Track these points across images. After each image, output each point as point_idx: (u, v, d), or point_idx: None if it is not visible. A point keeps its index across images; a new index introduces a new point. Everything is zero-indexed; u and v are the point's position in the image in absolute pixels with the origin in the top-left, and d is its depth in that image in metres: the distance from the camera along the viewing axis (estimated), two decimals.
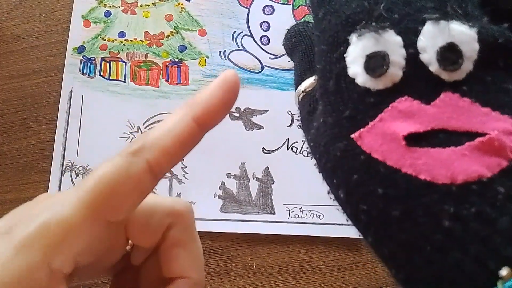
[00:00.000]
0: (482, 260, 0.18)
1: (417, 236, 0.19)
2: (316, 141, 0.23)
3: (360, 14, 0.21)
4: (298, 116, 0.26)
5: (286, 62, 0.55)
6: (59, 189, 0.51)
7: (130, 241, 0.24)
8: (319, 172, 0.23)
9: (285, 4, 0.57)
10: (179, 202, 0.24)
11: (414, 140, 0.20)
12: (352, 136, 0.21)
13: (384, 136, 0.20)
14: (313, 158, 0.24)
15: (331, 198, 0.23)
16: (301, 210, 0.51)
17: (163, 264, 0.23)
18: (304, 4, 0.57)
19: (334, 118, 0.22)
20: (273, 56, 0.55)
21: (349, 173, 0.21)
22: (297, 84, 0.26)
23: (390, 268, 0.20)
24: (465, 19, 0.20)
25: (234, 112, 0.53)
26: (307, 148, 0.52)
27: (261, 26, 0.56)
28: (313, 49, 0.25)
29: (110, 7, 0.57)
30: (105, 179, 0.19)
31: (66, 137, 0.52)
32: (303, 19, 0.56)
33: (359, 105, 0.21)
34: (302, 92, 0.25)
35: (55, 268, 0.19)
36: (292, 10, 0.56)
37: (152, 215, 0.23)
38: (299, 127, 0.53)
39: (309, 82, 0.25)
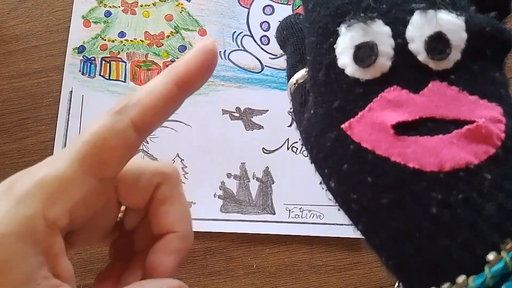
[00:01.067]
0: (469, 246, 0.18)
1: (406, 223, 0.19)
2: (307, 132, 0.23)
3: (348, 5, 0.22)
4: (290, 108, 0.26)
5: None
6: None
7: (122, 208, 0.25)
8: (311, 163, 0.23)
9: (285, 4, 0.57)
10: (166, 163, 0.26)
11: (403, 129, 0.20)
12: (342, 126, 0.21)
13: (373, 126, 0.20)
14: (305, 149, 0.24)
15: (323, 188, 0.23)
16: (301, 210, 0.51)
17: (152, 222, 0.25)
18: None
19: (324, 109, 0.22)
20: (273, 56, 0.55)
21: (340, 163, 0.21)
22: (289, 76, 0.26)
23: (380, 256, 0.21)
24: (453, 8, 0.21)
25: (234, 112, 0.53)
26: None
27: (261, 26, 0.56)
28: (305, 41, 0.25)
29: (110, 7, 0.57)
30: (93, 136, 0.21)
31: (66, 137, 0.52)
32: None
33: (348, 96, 0.21)
34: (294, 84, 0.25)
35: (51, 219, 0.20)
36: (292, 10, 0.56)
37: (140, 175, 0.24)
38: None
39: (300, 74, 0.25)
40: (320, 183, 0.23)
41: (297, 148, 0.52)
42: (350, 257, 0.50)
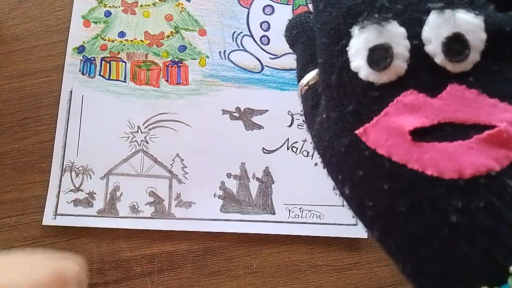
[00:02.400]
0: (490, 253, 0.17)
1: (424, 230, 0.19)
2: (320, 136, 0.23)
3: (361, 5, 0.21)
4: (302, 111, 0.25)
5: (286, 62, 0.55)
6: (59, 189, 0.51)
7: None
8: (324, 167, 0.23)
9: (285, 4, 0.57)
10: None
11: (420, 134, 0.19)
12: (357, 131, 0.21)
13: (389, 131, 0.20)
14: (316, 154, 0.24)
15: (336, 194, 0.22)
16: (301, 210, 0.51)
17: None
18: (304, 4, 0.57)
19: (337, 113, 0.22)
20: (273, 56, 0.55)
21: (354, 169, 0.21)
22: (300, 77, 0.25)
23: (397, 263, 0.20)
24: (471, 7, 0.20)
25: (234, 112, 0.53)
26: (309, 145, 0.52)
27: (261, 26, 0.56)
28: (315, 40, 0.24)
29: (110, 7, 0.57)
30: None
31: (66, 137, 0.52)
32: None
33: (362, 100, 0.21)
34: (305, 86, 0.25)
35: None
36: (292, 10, 0.56)
37: None
38: (299, 127, 0.53)
39: (312, 75, 0.24)
40: (334, 188, 0.23)
41: (297, 148, 0.52)
42: (350, 257, 0.50)
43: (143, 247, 0.50)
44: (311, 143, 0.24)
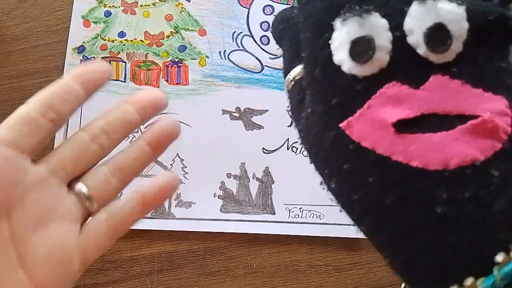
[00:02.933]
0: (478, 245, 0.17)
1: (411, 223, 0.19)
2: (306, 131, 0.23)
3: None
4: (288, 106, 0.25)
5: None
6: None
7: None
8: (311, 162, 0.23)
9: (285, 4, 0.57)
10: None
11: (404, 125, 0.19)
12: (341, 125, 0.21)
13: (373, 124, 0.20)
14: (304, 148, 0.24)
15: (323, 188, 0.23)
16: (301, 210, 0.51)
17: None
18: None
19: (322, 107, 0.21)
20: (273, 56, 0.55)
21: (340, 163, 0.21)
22: (286, 72, 0.25)
23: (385, 257, 0.20)
24: None
25: (234, 112, 0.53)
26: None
27: (261, 26, 0.56)
28: (300, 35, 0.24)
29: (110, 7, 0.57)
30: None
31: (66, 137, 0.52)
32: None
33: (346, 93, 0.21)
34: (291, 81, 0.25)
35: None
36: None
37: None
38: None
39: (297, 70, 0.24)
40: (321, 183, 0.23)
41: (297, 148, 0.52)
42: (350, 257, 0.50)
43: (143, 247, 0.50)
44: (298, 138, 0.24)
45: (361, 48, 0.20)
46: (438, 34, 0.19)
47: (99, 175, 0.29)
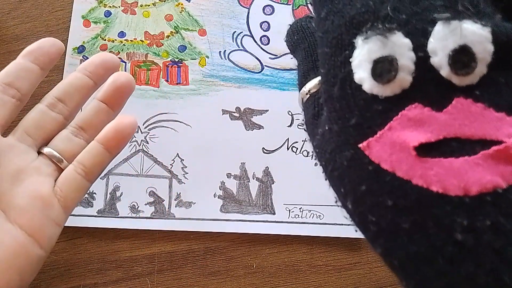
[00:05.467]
0: (496, 273, 0.17)
1: (428, 248, 0.18)
2: (321, 148, 0.22)
3: (365, 14, 0.20)
4: (303, 119, 0.25)
5: (286, 62, 0.55)
6: None
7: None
8: (325, 179, 0.23)
9: (285, 4, 0.57)
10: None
11: (425, 149, 0.19)
12: (360, 145, 0.20)
13: (393, 146, 0.19)
14: (318, 164, 0.23)
15: (338, 206, 0.22)
16: (301, 210, 0.51)
17: None
18: (304, 4, 0.57)
19: (339, 125, 0.21)
20: (273, 56, 0.55)
21: (357, 183, 0.20)
22: (301, 84, 0.25)
23: (400, 279, 0.20)
24: (477, 17, 0.19)
25: (234, 112, 0.53)
26: (309, 147, 0.52)
27: (261, 26, 0.56)
28: (317, 47, 0.24)
29: (110, 7, 0.57)
30: None
31: None
32: None
33: (366, 113, 0.20)
34: (306, 94, 0.24)
35: None
36: (292, 10, 0.56)
37: None
38: (299, 127, 0.53)
39: (313, 83, 0.24)
40: (336, 201, 0.22)
41: (297, 148, 0.52)
42: (350, 257, 0.50)
43: (143, 247, 0.50)
44: (311, 149, 0.23)
45: (384, 68, 0.19)
46: (462, 57, 0.19)
47: (62, 136, 0.34)
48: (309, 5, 0.57)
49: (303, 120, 0.25)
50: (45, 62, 0.33)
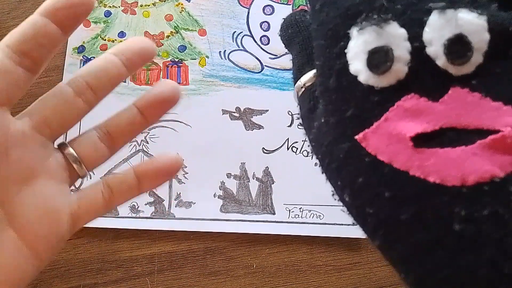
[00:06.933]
0: (495, 263, 0.17)
1: (427, 239, 0.18)
2: (318, 141, 0.22)
3: (360, 5, 0.20)
4: (299, 113, 0.25)
5: (286, 62, 0.55)
6: None
7: None
8: (322, 172, 0.22)
9: (285, 4, 0.57)
10: None
11: (422, 139, 0.19)
12: (356, 137, 0.20)
13: (390, 137, 0.19)
14: (315, 158, 0.23)
15: (335, 199, 0.22)
16: (301, 210, 0.51)
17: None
18: (304, 4, 0.57)
19: (336, 117, 0.21)
20: (273, 56, 0.55)
21: (354, 176, 0.20)
22: (296, 78, 0.24)
23: (399, 272, 0.20)
24: (473, 6, 0.19)
25: (234, 112, 0.53)
26: (308, 147, 0.52)
27: (261, 26, 0.56)
28: (311, 40, 0.23)
29: (110, 7, 0.57)
30: None
31: (66, 137, 0.52)
32: None
33: (362, 104, 0.20)
34: (302, 87, 0.24)
35: None
36: (292, 10, 0.56)
37: None
38: (299, 127, 0.53)
39: (308, 76, 0.24)
40: (333, 194, 0.22)
41: (297, 148, 0.52)
42: (350, 257, 0.50)
43: (143, 247, 0.50)
44: (308, 146, 0.23)
45: (379, 59, 0.19)
46: (458, 46, 0.19)
47: (88, 139, 0.29)
48: (308, 5, 0.57)
49: (298, 113, 0.25)
50: (69, 23, 0.25)
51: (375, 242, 0.20)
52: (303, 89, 0.24)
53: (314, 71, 0.24)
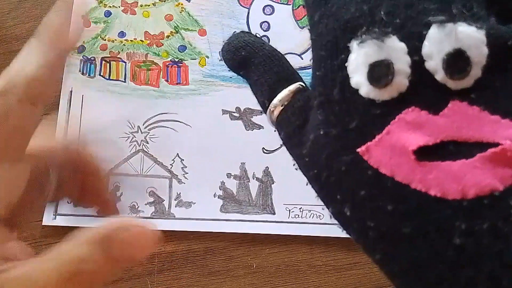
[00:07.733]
0: (495, 277, 0.17)
1: (428, 253, 0.18)
2: (314, 154, 0.22)
3: (359, 18, 0.20)
4: (281, 134, 0.24)
5: None
6: None
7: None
8: (317, 191, 0.22)
9: (285, 4, 0.57)
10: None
11: (424, 152, 0.19)
12: (359, 150, 0.20)
13: (392, 150, 0.19)
14: (307, 175, 0.23)
15: (330, 217, 0.22)
16: (301, 210, 0.51)
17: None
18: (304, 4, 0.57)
19: (338, 129, 0.21)
20: None
21: (356, 189, 0.20)
22: (269, 99, 0.24)
23: (397, 286, 0.20)
24: (472, 19, 0.19)
25: (234, 112, 0.53)
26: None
27: (261, 26, 0.56)
28: (275, 58, 0.23)
29: (110, 7, 0.57)
30: None
31: (66, 137, 0.52)
32: (303, 19, 0.56)
33: (364, 117, 0.20)
34: (281, 106, 0.24)
35: None
36: (292, 10, 0.56)
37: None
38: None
39: (284, 94, 0.24)
40: (328, 208, 0.22)
41: None
42: (350, 257, 0.50)
43: None
44: (294, 165, 0.23)
45: (380, 72, 0.19)
46: (457, 60, 0.19)
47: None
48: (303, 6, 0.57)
49: (280, 134, 0.24)
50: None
51: (375, 256, 0.20)
52: (281, 107, 0.24)
53: (290, 87, 0.24)
